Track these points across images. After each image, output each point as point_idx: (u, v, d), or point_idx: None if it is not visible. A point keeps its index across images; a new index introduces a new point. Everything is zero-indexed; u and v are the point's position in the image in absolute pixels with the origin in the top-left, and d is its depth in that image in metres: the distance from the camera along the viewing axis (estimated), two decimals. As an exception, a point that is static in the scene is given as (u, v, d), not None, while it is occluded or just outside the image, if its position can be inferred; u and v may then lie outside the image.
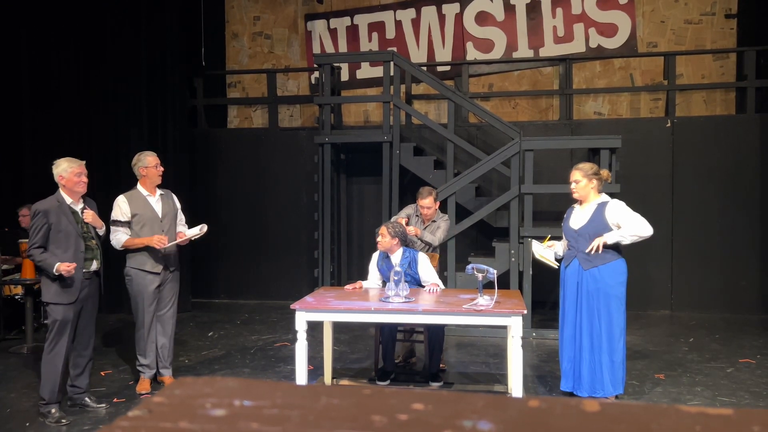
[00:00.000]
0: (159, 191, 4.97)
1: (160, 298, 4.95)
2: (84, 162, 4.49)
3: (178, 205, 5.12)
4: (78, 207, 4.43)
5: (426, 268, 5.04)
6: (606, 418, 0.62)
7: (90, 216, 4.44)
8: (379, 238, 5.03)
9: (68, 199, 4.38)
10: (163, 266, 4.91)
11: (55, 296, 4.31)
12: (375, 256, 5.20)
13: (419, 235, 5.43)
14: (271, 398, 0.66)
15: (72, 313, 4.35)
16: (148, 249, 4.81)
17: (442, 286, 5.07)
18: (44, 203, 4.35)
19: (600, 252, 4.43)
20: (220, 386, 0.69)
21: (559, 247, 4.78)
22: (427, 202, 5.52)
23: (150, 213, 4.85)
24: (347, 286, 5.12)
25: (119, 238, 4.79)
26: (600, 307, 4.48)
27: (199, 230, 4.95)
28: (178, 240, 4.96)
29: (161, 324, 4.99)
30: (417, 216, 5.66)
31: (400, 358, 5.65)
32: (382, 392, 0.67)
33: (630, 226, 4.43)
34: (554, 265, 4.76)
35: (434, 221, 5.61)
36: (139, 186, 4.93)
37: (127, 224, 4.80)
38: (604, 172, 4.70)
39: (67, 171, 4.36)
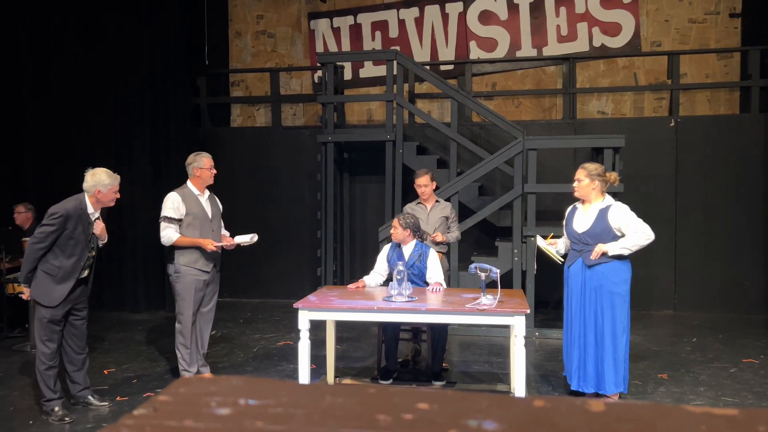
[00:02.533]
0: (207, 192, 4.99)
1: (203, 296, 4.95)
2: (119, 177, 4.49)
3: (221, 207, 5.15)
4: (94, 217, 4.43)
5: (434, 265, 5.10)
6: (611, 417, 0.61)
7: (99, 228, 4.45)
8: (392, 230, 5.11)
9: (90, 208, 4.38)
10: (212, 265, 4.92)
11: (43, 296, 4.31)
12: (386, 247, 5.27)
13: (445, 240, 5.50)
14: (276, 397, 0.66)
15: (60, 314, 4.36)
16: (199, 247, 4.80)
17: (445, 286, 5.09)
18: (68, 207, 4.27)
19: (600, 257, 4.44)
20: (224, 385, 0.69)
21: (561, 244, 4.78)
22: (423, 180, 5.62)
23: (201, 212, 4.87)
24: (350, 285, 5.13)
25: (170, 235, 4.75)
26: (604, 305, 4.48)
27: (249, 238, 4.92)
28: (226, 243, 4.96)
29: (202, 322, 4.99)
30: (418, 204, 5.75)
31: (409, 357, 5.67)
32: (386, 391, 0.67)
33: (633, 235, 4.41)
34: (559, 260, 4.76)
35: (437, 201, 5.70)
36: (189, 184, 4.93)
37: (179, 222, 4.78)
38: (612, 176, 4.65)
39: (107, 187, 4.34)
